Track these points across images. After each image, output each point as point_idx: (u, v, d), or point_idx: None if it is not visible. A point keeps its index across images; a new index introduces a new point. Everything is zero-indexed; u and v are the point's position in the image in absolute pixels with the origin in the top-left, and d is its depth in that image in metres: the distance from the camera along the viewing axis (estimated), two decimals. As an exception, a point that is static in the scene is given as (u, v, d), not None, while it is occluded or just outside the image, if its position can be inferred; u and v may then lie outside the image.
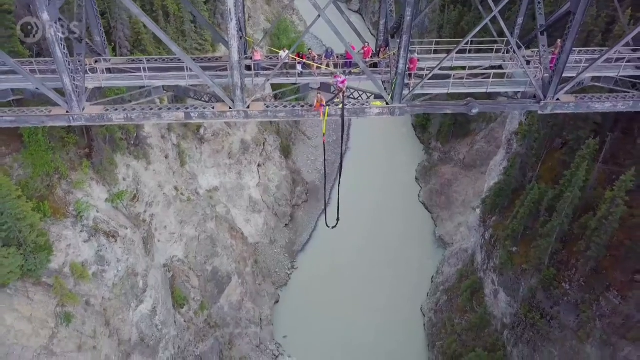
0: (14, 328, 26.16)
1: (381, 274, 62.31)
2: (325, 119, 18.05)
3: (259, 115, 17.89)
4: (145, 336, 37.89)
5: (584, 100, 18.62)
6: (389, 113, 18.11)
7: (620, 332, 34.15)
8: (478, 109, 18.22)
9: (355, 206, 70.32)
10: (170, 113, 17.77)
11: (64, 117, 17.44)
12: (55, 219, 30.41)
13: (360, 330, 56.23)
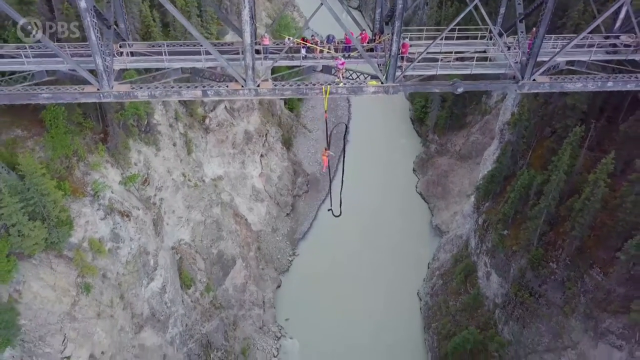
0: (40, 294, 28.43)
1: (379, 262, 64.57)
2: (327, 96, 20.25)
3: (267, 93, 20.12)
4: (155, 311, 40.18)
5: (557, 81, 20.85)
6: (384, 91, 20.32)
7: (602, 306, 36.47)
8: (463, 87, 20.47)
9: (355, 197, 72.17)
10: (189, 91, 19.99)
11: (95, 94, 19.66)
12: (75, 197, 32.65)
13: (358, 315, 58.48)
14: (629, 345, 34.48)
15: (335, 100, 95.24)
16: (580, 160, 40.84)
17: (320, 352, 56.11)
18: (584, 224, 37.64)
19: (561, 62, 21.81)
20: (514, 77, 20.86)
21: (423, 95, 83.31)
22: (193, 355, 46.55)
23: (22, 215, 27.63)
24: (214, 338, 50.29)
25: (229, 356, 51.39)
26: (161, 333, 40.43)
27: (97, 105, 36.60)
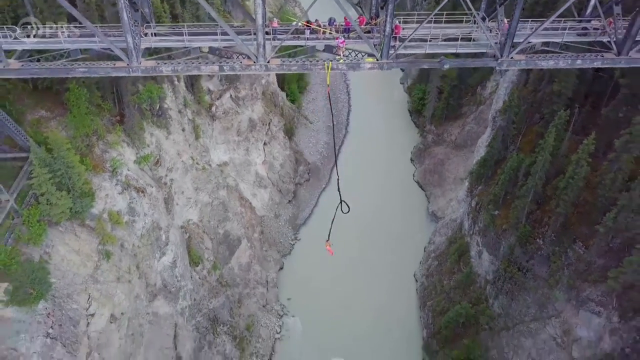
0: (66, 258, 31.18)
1: (378, 247, 67.33)
2: (329, 72, 22.96)
3: (276, 68, 22.84)
4: (167, 283, 42.96)
5: (532, 58, 23.57)
6: (379, 67, 23.05)
7: (583, 277, 39.23)
8: (449, 64, 23.19)
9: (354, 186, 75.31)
10: (208, 66, 22.71)
11: (125, 68, 22.38)
12: (95, 172, 35.38)
13: (357, 296, 61.25)
14: (606, 311, 37.23)
15: (335, 93, 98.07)
16: (565, 143, 43.50)
17: (321, 330, 58.85)
18: (567, 201, 40.33)
19: (537, 43, 24.51)
20: (494, 55, 23.58)
21: (421, 88, 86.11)
22: (201, 327, 49.34)
23: (50, 185, 30.33)
24: (220, 314, 53.09)
25: (235, 331, 54.22)
26: (172, 304, 43.20)
27: (114, 88, 39.41)
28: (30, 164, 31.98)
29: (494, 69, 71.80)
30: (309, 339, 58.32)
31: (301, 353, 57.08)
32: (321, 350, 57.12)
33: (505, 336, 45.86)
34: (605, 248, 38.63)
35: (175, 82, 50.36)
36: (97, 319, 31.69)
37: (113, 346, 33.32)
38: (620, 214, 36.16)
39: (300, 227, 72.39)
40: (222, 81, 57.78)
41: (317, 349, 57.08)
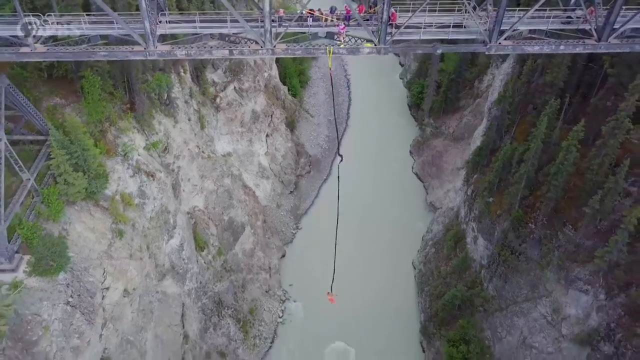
0: (83, 235, 33.09)
1: (377, 236, 69.21)
2: (330, 56, 24.82)
3: (282, 52, 24.72)
4: (175, 265, 44.88)
5: (518, 44, 25.44)
6: (377, 52, 24.92)
7: (572, 257, 41.13)
8: (441, 49, 25.07)
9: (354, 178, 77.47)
10: (219, 51, 24.59)
11: (142, 52, 24.26)
12: (108, 156, 37.23)
13: (357, 284, 62.99)
14: (593, 289, 39.15)
15: (336, 87, 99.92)
16: (557, 132, 45.37)
17: (322, 315, 60.65)
18: (558, 186, 42.20)
19: (524, 30, 26.37)
20: (484, 41, 25.45)
21: (420, 83, 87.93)
22: (207, 309, 51.31)
23: (68, 166, 32.20)
24: (225, 297, 55.03)
25: (238, 314, 56.17)
26: (180, 284, 45.13)
27: (125, 77, 41.28)
28: (48, 147, 33.84)
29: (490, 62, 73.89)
30: (310, 323, 60.23)
31: (303, 337, 58.99)
32: (322, 334, 59.05)
33: (499, 317, 47.77)
34: (593, 230, 40.55)
35: (182, 73, 52.20)
36: (111, 293, 33.63)
37: (126, 319, 35.27)
38: (607, 197, 38.07)
39: (302, 217, 74.28)
40: (226, 73, 59.66)
41: (318, 333, 59.00)
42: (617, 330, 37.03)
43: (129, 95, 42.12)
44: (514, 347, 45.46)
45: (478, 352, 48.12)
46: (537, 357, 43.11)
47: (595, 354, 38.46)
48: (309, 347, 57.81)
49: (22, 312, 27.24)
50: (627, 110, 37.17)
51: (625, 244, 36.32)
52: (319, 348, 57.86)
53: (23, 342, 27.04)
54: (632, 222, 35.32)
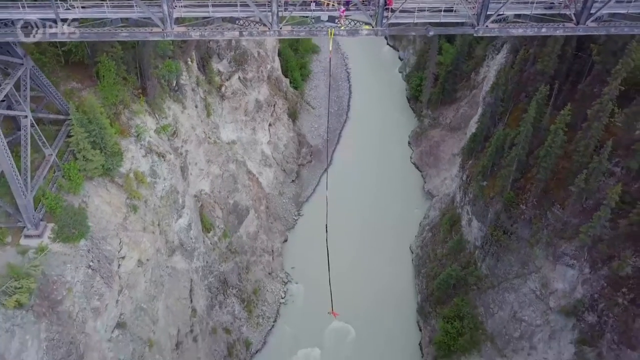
0: (100, 207, 35.48)
1: (376, 223, 71.69)
2: (332, 37, 27.16)
3: (287, 34, 27.04)
4: (184, 243, 47.26)
5: (504, 27, 27.77)
6: (374, 33, 27.25)
7: (559, 235, 43.50)
8: (433, 31, 27.41)
9: (354, 168, 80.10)
10: (230, 32, 26.92)
11: (160, 33, 26.60)
12: (123, 136, 39.60)
13: (357, 268, 65.36)
14: (579, 263, 41.52)
15: (337, 81, 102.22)
16: (547, 117, 47.68)
17: (323, 297, 62.86)
18: (547, 168, 44.51)
19: (510, 15, 28.71)
20: (472, 24, 27.79)
21: (418, 75, 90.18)
22: (213, 288, 53.73)
23: (86, 143, 34.61)
24: (230, 278, 57.45)
25: (243, 294, 58.62)
26: (188, 261, 47.53)
27: (137, 64, 43.64)
28: (67, 126, 36.23)
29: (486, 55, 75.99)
30: (311, 304, 62.54)
31: (304, 317, 61.37)
32: (323, 314, 61.30)
33: (491, 293, 50.17)
34: (579, 208, 42.89)
35: (189, 62, 54.55)
36: (127, 262, 36.05)
37: (140, 287, 37.70)
38: (592, 176, 40.40)
39: (303, 205, 76.71)
40: (231, 63, 62.00)
41: (319, 313, 61.22)
42: (600, 301, 39.42)
43: (140, 81, 44.46)
44: (505, 321, 47.86)
45: (472, 327, 50.51)
46: (527, 330, 45.49)
47: (580, 323, 40.88)
48: (310, 326, 60.15)
49: (48, 274, 29.64)
50: (611, 94, 39.49)
51: (607, 219, 38.67)
52: (319, 327, 60.23)
53: (49, 301, 29.44)
54: (613, 199, 37.70)
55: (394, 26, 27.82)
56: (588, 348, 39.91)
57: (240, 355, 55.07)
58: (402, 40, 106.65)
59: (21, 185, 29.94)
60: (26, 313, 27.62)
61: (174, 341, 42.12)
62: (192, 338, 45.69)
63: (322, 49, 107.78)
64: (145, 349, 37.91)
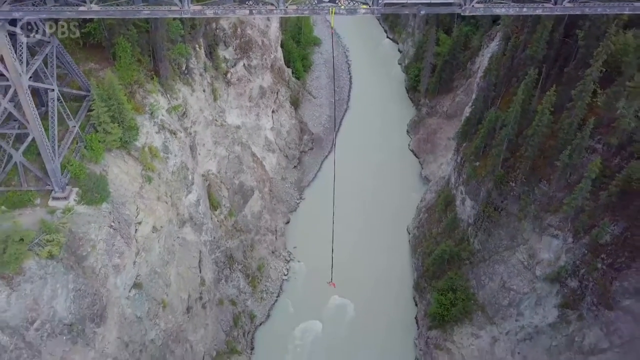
0: (119, 176, 38.44)
1: (375, 206, 74.74)
2: (333, 16, 30.05)
3: (293, 12, 29.92)
4: (193, 216, 50.25)
5: (488, 7, 30.66)
6: (371, 12, 30.13)
7: (546, 208, 46.44)
8: (424, 10, 30.33)
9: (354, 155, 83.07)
10: (241, 10, 29.82)
11: (178, 11, 29.50)
12: (138, 113, 42.56)
13: (356, 248, 68.51)
14: (563, 233, 44.47)
15: (338, 72, 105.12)
16: (535, 100, 50.55)
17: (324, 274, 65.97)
18: (534, 146, 47.40)
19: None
20: (460, 4, 30.68)
21: (417, 66, 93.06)
22: (219, 262, 56.76)
23: (106, 117, 37.59)
24: (235, 254, 60.47)
25: (247, 270, 61.65)
26: (197, 234, 50.54)
27: (150, 47, 46.58)
28: (88, 102, 39.17)
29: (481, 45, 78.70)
30: (312, 281, 65.63)
31: (306, 292, 64.46)
32: (323, 290, 64.36)
33: (483, 266, 53.13)
34: (564, 184, 45.81)
35: (197, 48, 57.45)
36: (143, 227, 39.04)
37: (154, 252, 40.71)
38: (575, 152, 43.32)
39: (305, 189, 79.76)
40: (236, 51, 64.88)
41: (320, 289, 64.32)
42: (581, 267, 42.38)
43: (153, 63, 47.42)
44: (495, 291, 50.83)
45: (464, 298, 53.50)
46: (515, 298, 48.46)
47: (563, 289, 43.85)
48: (312, 301, 63.23)
49: (75, 231, 32.63)
50: (593, 76, 42.35)
51: (588, 190, 41.57)
52: (320, 303, 63.29)
53: (76, 256, 32.44)
54: (594, 171, 40.62)
55: (389, 6, 30.66)
56: (570, 311, 42.90)
57: (245, 327, 58.14)
58: (401, 33, 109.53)
59: (50, 151, 32.93)
60: (57, 264, 30.63)
61: (184, 305, 45.14)
62: (201, 305, 48.72)
63: (324, 41, 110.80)
64: (159, 309, 40.97)
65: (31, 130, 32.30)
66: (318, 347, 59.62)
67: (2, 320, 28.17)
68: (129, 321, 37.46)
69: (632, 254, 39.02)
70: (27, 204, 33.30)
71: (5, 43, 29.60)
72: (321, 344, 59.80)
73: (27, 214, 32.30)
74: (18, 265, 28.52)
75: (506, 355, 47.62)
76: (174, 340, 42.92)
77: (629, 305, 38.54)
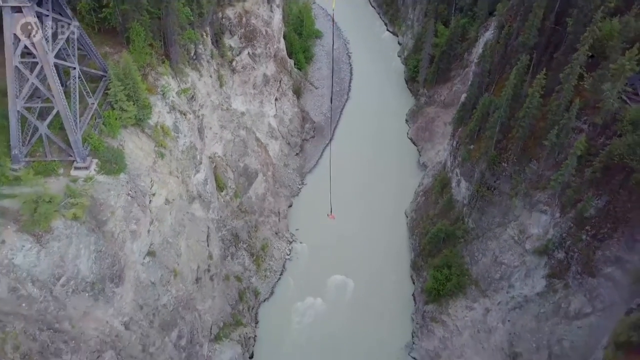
0: (134, 151, 41.13)
1: (375, 192, 77.50)
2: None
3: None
4: (201, 194, 52.94)
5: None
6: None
7: (535, 186, 49.08)
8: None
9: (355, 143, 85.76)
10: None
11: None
12: (150, 93, 45.22)
13: (356, 230, 71.23)
14: (551, 209, 47.13)
15: (338, 64, 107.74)
16: (527, 84, 53.12)
17: (325, 255, 68.96)
18: (525, 127, 49.98)
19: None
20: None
21: (416, 58, 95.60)
22: (226, 240, 59.47)
23: (122, 95, 40.26)
24: (241, 234, 63.16)
25: (252, 249, 64.37)
26: (205, 210, 53.22)
27: (161, 31, 49.21)
28: (105, 82, 41.85)
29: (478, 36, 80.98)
30: (314, 260, 68.44)
31: (307, 271, 67.20)
32: (324, 269, 67.26)
33: (476, 243, 55.81)
34: (552, 162, 48.44)
35: (204, 36, 60.04)
36: (156, 198, 41.75)
37: (166, 223, 43.43)
38: (562, 132, 45.93)
39: (307, 175, 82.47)
40: (241, 39, 67.46)
41: (321, 268, 67.22)
42: (567, 239, 45.04)
43: (164, 48, 50.07)
44: (488, 266, 53.52)
45: (458, 274, 56.20)
46: (506, 271, 51.15)
47: (551, 260, 46.52)
48: (313, 279, 65.98)
49: (96, 197, 35.33)
50: (580, 59, 44.93)
51: (574, 167, 44.20)
52: (321, 279, 66.04)
53: (97, 220, 35.15)
54: (579, 148, 43.25)
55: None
56: (557, 280, 45.58)
57: (250, 302, 60.87)
58: (401, 26, 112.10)
59: (72, 124, 35.61)
60: (80, 226, 33.34)
61: (194, 275, 47.88)
62: (209, 277, 51.46)
63: (325, 34, 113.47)
64: (171, 276, 43.71)
65: (56, 104, 34.97)
66: (320, 322, 62.33)
67: (32, 274, 30.91)
68: (144, 285, 40.21)
69: (614, 225, 41.67)
70: (52, 173, 35.96)
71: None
72: (322, 319, 62.49)
73: (51, 182, 34.95)
74: (47, 224, 31.22)
75: (497, 323, 50.34)
76: (184, 307, 45.66)
77: (610, 272, 41.20)
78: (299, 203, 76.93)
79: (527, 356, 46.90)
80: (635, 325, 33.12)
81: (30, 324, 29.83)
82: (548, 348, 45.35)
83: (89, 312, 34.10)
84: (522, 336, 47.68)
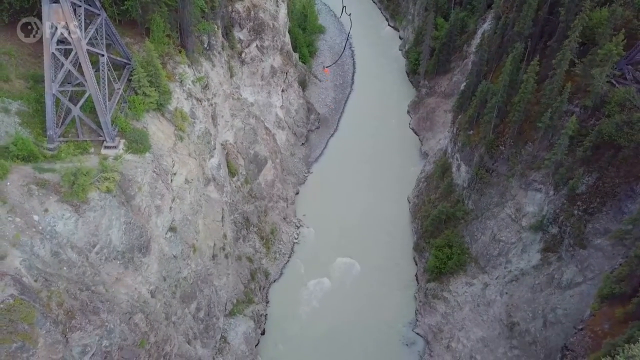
0: (156, 133, 44.20)
1: (378, 179, 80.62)
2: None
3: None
4: (215, 178, 56.06)
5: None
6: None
7: (530, 166, 52.17)
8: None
9: (358, 133, 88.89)
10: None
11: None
12: (170, 80, 48.31)
13: (360, 215, 74.43)
14: (545, 187, 50.22)
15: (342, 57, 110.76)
16: (522, 71, 56.14)
17: (331, 239, 72.09)
18: (520, 111, 53.03)
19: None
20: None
21: (417, 51, 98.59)
22: (238, 223, 62.62)
23: (145, 81, 43.37)
24: (251, 218, 66.30)
25: (262, 233, 67.52)
26: (220, 193, 56.35)
27: (178, 24, 52.30)
28: (128, 70, 44.95)
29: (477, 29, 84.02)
30: (321, 244, 71.58)
31: (315, 254, 70.33)
32: (331, 251, 70.41)
33: (476, 223, 58.92)
34: (547, 144, 51.52)
35: (215, 28, 63.08)
36: (177, 177, 44.88)
37: (186, 201, 46.57)
38: (555, 114, 49.00)
39: (313, 164, 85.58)
40: (250, 32, 70.49)
41: (328, 251, 70.36)
42: (560, 214, 48.15)
43: (180, 39, 53.15)
44: (487, 243, 56.63)
45: (459, 252, 59.33)
46: (504, 248, 54.27)
47: (545, 235, 49.64)
48: (320, 261, 69.12)
49: (125, 173, 38.45)
50: (570, 46, 47.99)
51: (567, 146, 47.26)
52: (328, 261, 69.19)
53: (126, 195, 38.29)
54: (570, 128, 46.32)
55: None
56: (551, 254, 48.70)
57: (261, 282, 64.04)
58: (402, 20, 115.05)
59: (103, 106, 38.73)
60: (112, 199, 36.47)
61: (211, 252, 51.03)
62: (224, 255, 54.63)
63: (328, 29, 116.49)
64: (191, 251, 46.87)
65: (88, 88, 38.09)
66: (327, 301, 65.47)
67: (71, 241, 34.07)
68: (167, 258, 43.36)
69: (603, 199, 44.77)
70: (84, 152, 39.10)
71: (70, 12, 35.38)
72: (330, 299, 65.64)
73: (85, 159, 38.08)
74: (84, 195, 34.36)
75: (495, 296, 53.49)
76: (203, 280, 48.84)
77: (599, 244, 44.31)
78: (306, 190, 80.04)
79: (523, 325, 50.05)
80: (617, 279, 36.22)
81: (71, 285, 32.95)
82: (543, 316, 48.49)
83: (120, 279, 37.25)
84: (519, 307, 50.81)
